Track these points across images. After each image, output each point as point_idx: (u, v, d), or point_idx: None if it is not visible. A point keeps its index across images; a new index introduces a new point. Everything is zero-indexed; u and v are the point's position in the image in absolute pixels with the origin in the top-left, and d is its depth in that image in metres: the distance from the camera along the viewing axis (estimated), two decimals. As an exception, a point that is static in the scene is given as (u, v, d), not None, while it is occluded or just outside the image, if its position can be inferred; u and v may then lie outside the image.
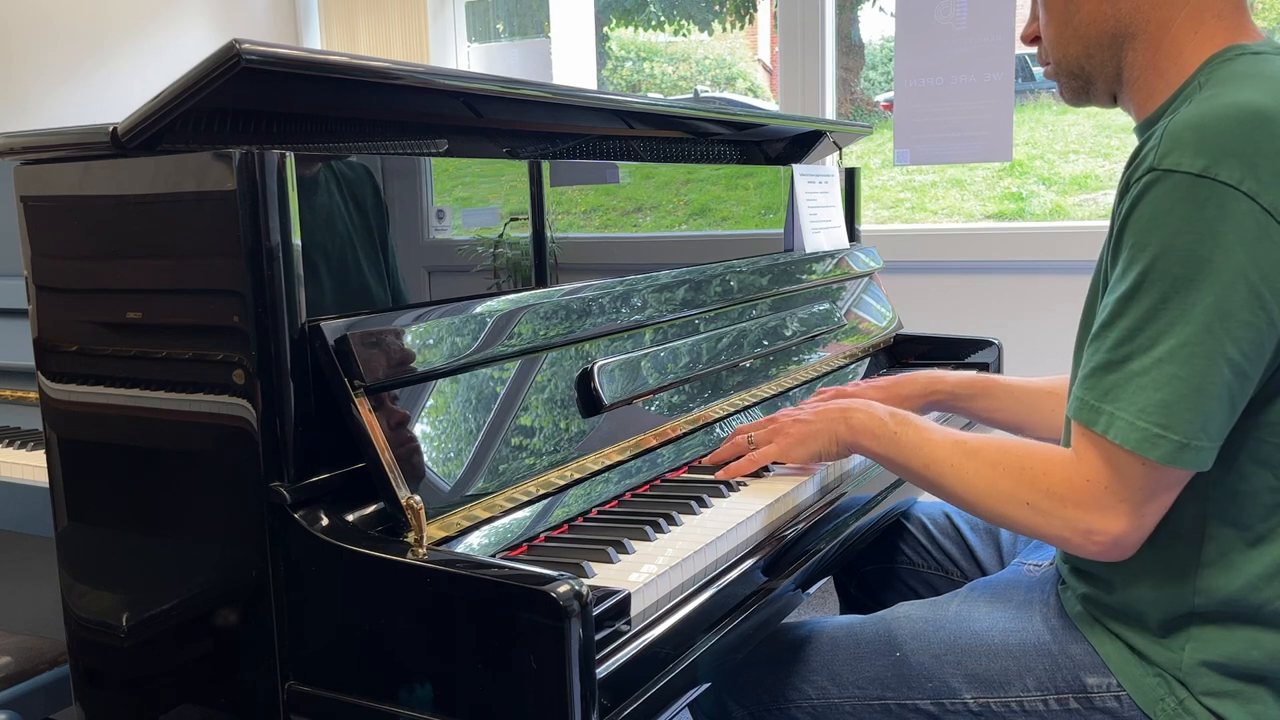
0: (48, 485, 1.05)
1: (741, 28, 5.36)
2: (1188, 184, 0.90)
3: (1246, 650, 0.99)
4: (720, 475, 1.22)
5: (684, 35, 5.28)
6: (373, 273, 1.02)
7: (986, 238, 2.80)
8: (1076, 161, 3.93)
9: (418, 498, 0.91)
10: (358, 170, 1.00)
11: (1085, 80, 1.10)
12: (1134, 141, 1.06)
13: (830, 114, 2.95)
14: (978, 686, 1.09)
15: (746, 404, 1.46)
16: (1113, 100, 1.12)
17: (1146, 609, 1.04)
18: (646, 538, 1.03)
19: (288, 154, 0.90)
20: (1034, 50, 1.16)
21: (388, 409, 0.94)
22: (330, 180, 0.97)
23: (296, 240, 0.90)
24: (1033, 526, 1.02)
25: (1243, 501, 0.98)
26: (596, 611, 0.84)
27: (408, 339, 0.98)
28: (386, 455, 0.92)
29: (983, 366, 1.91)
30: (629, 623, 0.89)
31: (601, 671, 0.82)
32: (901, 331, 1.99)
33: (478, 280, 1.15)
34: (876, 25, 4.06)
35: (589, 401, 1.18)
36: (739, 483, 1.21)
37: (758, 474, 1.24)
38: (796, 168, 1.84)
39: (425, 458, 0.96)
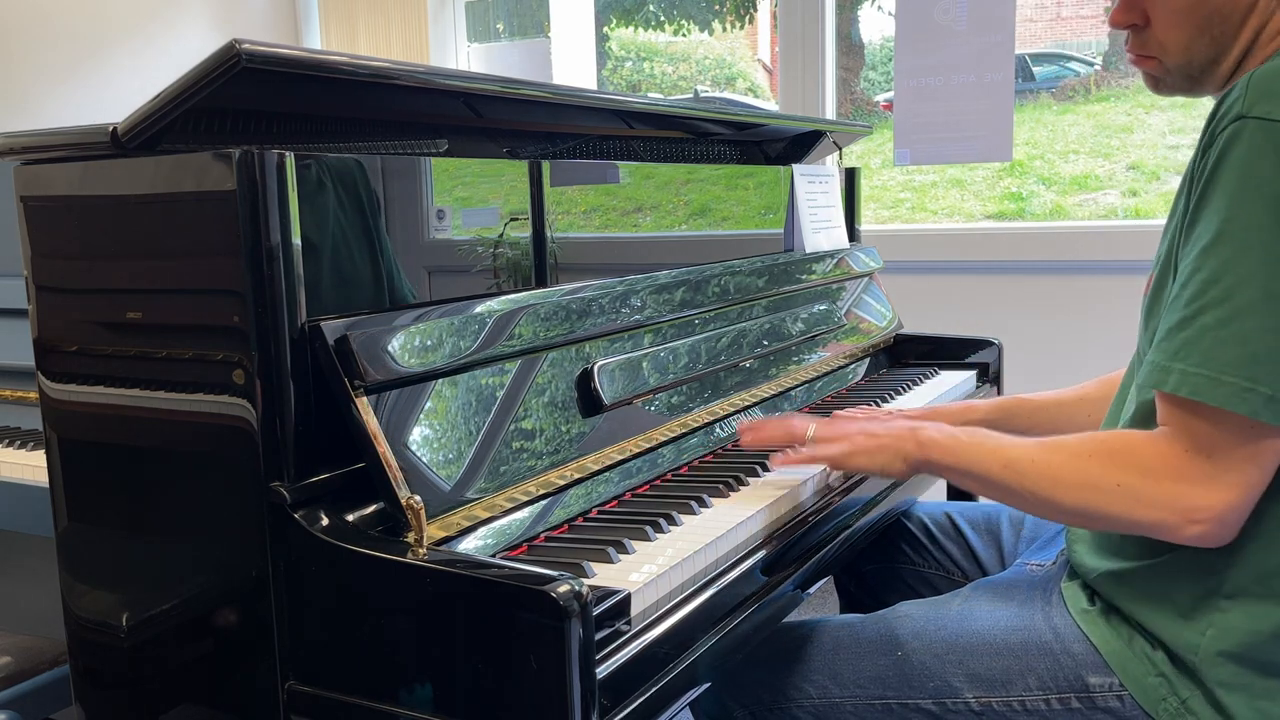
0: (48, 485, 1.05)
1: (741, 28, 5.36)
2: (1275, 130, 0.88)
3: (1268, 639, 0.99)
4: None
5: (684, 35, 5.28)
6: (372, 273, 1.02)
7: (986, 238, 2.80)
8: (1076, 161, 3.93)
9: (418, 497, 0.91)
10: (357, 170, 1.00)
11: (1199, 80, 1.07)
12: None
13: (830, 114, 2.95)
14: (979, 686, 1.09)
15: (746, 404, 1.46)
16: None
17: (1176, 584, 1.02)
18: (646, 538, 1.03)
19: (288, 154, 0.90)
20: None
21: (388, 409, 0.94)
22: (330, 180, 0.97)
23: (296, 240, 0.90)
24: (1125, 512, 0.97)
25: None
26: (596, 611, 0.84)
27: (408, 339, 0.98)
28: (386, 455, 0.92)
29: (983, 366, 1.91)
30: (629, 623, 0.89)
31: (601, 671, 0.82)
32: (901, 331, 1.99)
33: (478, 280, 1.15)
34: (876, 25, 4.06)
35: (589, 401, 1.17)
36: (740, 483, 1.21)
37: (757, 473, 1.24)
38: (796, 168, 1.84)
39: (425, 458, 0.96)
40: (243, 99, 1.00)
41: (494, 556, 0.98)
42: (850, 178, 2.08)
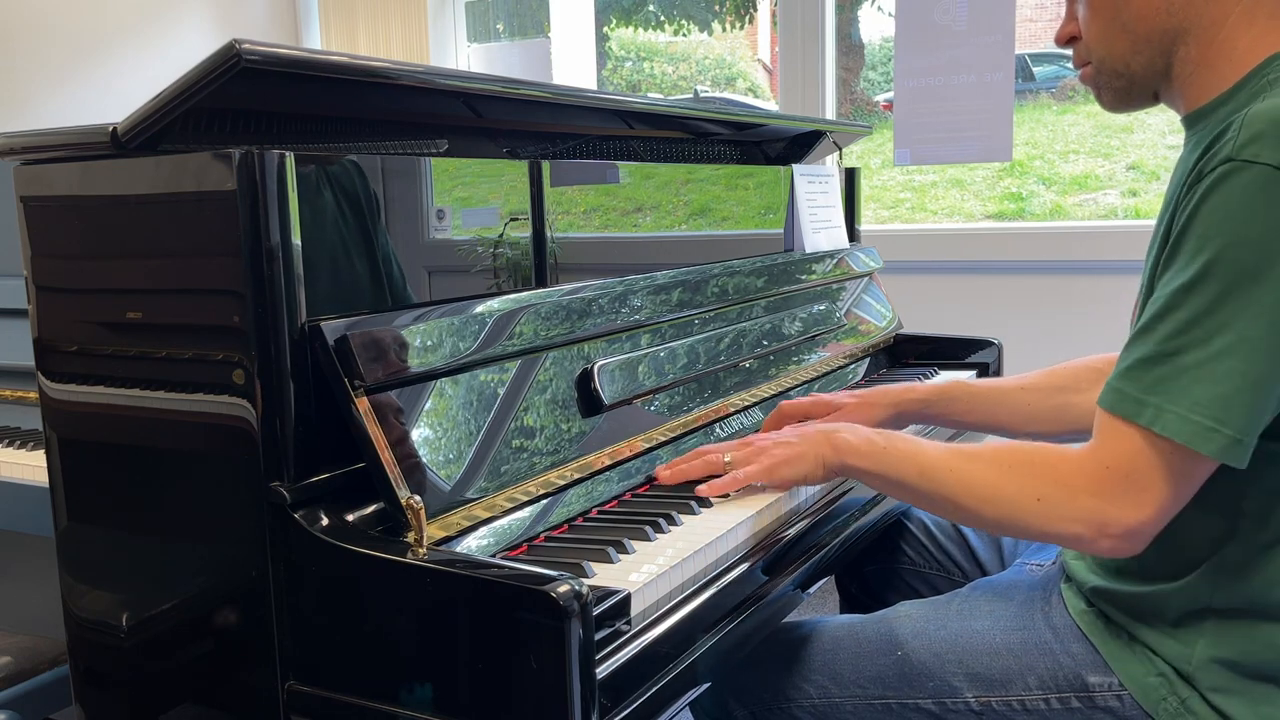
0: (48, 485, 1.05)
1: (741, 28, 5.36)
2: (1267, 176, 0.88)
3: (1261, 649, 0.99)
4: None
5: (684, 35, 5.28)
6: (372, 273, 1.02)
7: (986, 238, 2.80)
8: (1076, 161, 3.93)
9: (418, 498, 0.91)
10: (356, 170, 1.00)
11: (1129, 80, 1.07)
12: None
13: (830, 114, 2.95)
14: (979, 685, 1.09)
15: (746, 404, 1.46)
16: (1154, 99, 1.09)
17: (1164, 603, 1.03)
18: (646, 538, 1.03)
19: (288, 154, 0.90)
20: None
21: (388, 409, 0.94)
22: (329, 180, 0.97)
23: (296, 240, 0.90)
24: (1042, 525, 0.98)
25: (1276, 501, 0.96)
26: (596, 611, 0.84)
27: (408, 339, 0.98)
28: (386, 455, 0.92)
29: (983, 366, 1.91)
30: (629, 623, 0.89)
31: (601, 671, 0.82)
32: (901, 331, 1.99)
33: (478, 280, 1.15)
34: (876, 25, 4.06)
35: (589, 401, 1.17)
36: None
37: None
38: (796, 168, 1.84)
39: (425, 458, 0.96)
40: (243, 99, 1.00)
41: (494, 556, 0.98)
42: (850, 178, 2.08)
